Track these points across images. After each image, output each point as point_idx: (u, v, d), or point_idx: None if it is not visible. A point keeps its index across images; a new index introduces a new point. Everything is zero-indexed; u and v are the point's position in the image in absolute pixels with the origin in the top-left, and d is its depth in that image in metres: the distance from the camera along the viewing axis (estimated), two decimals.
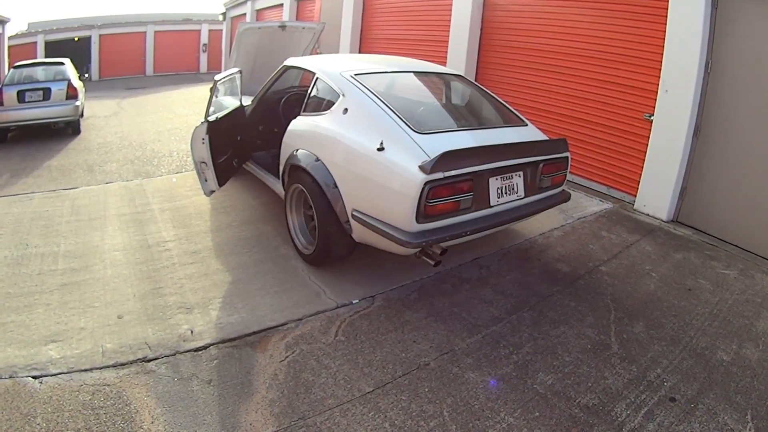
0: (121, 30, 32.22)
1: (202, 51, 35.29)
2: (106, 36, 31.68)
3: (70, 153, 9.18)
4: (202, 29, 35.11)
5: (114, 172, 7.69)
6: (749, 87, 5.89)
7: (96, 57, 31.53)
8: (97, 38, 31.46)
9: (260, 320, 3.84)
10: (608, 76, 7.37)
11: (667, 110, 6.53)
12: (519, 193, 4.33)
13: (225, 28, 28.52)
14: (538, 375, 3.39)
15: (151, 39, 33.28)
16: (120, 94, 21.02)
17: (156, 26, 33.37)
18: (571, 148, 5.08)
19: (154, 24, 33.33)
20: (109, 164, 8.21)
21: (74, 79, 11.42)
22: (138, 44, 32.91)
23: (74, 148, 9.59)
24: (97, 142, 10.13)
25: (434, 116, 4.82)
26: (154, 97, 19.91)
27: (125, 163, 8.25)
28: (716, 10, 6.11)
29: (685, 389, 3.35)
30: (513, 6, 9.07)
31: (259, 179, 6.03)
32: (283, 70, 5.65)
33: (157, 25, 33.44)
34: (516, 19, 9.00)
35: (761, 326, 4.23)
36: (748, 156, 5.94)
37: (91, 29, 31.28)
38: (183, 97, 19.11)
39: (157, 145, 9.69)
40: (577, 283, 4.68)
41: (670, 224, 6.49)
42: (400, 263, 4.66)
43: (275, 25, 7.58)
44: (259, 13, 22.52)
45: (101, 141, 10.28)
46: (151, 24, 33.20)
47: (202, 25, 35.06)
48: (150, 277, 4.43)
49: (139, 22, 32.90)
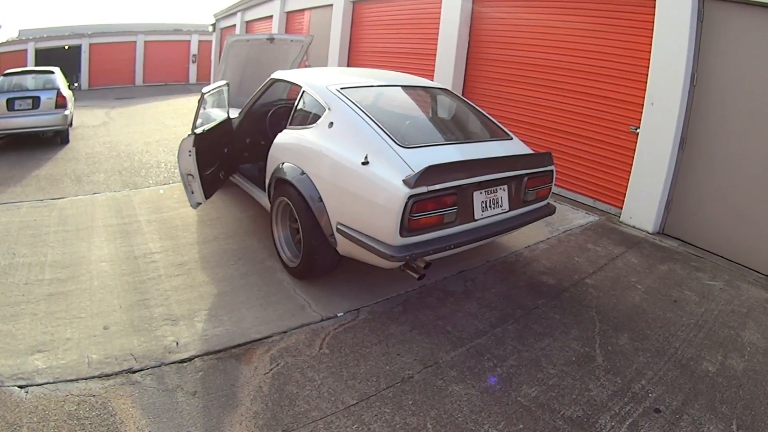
0: (112, 39, 32.15)
1: (192, 62, 35.27)
2: (96, 45, 31.61)
3: (58, 162, 9.14)
4: (192, 40, 35.12)
5: (102, 183, 7.67)
6: (735, 99, 5.96)
7: (86, 66, 31.44)
8: (87, 47, 31.37)
9: (245, 332, 3.84)
10: (594, 89, 7.44)
11: (652, 123, 6.59)
12: (503, 206, 4.36)
13: (215, 39, 28.51)
14: (522, 387, 3.40)
15: (141, 49, 33.24)
16: (109, 103, 20.99)
17: (146, 36, 33.33)
18: (557, 160, 5.12)
19: (145, 34, 33.29)
20: (97, 174, 8.19)
21: (63, 89, 11.38)
22: (128, 54, 32.85)
23: (62, 158, 9.56)
24: (86, 152, 10.10)
25: (419, 130, 4.84)
26: (143, 107, 19.89)
27: (113, 174, 8.23)
28: (702, 23, 6.18)
29: (670, 400, 3.38)
30: (500, 20, 9.15)
31: (246, 192, 6.03)
32: (270, 83, 5.65)
33: (148, 35, 33.41)
34: (503, 33, 9.07)
35: (747, 336, 4.27)
36: (733, 167, 6.00)
37: (82, 38, 31.21)
38: (172, 108, 19.11)
39: (145, 156, 9.68)
40: (562, 296, 4.70)
41: (656, 236, 6.54)
42: (386, 276, 4.66)
43: (263, 37, 7.59)
44: (248, 24, 22.56)
45: (89, 151, 10.26)
46: (141, 34, 33.16)
47: (192, 36, 35.08)
48: (136, 289, 4.42)
49: (129, 32, 32.86)
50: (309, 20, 15.99)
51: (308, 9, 16.07)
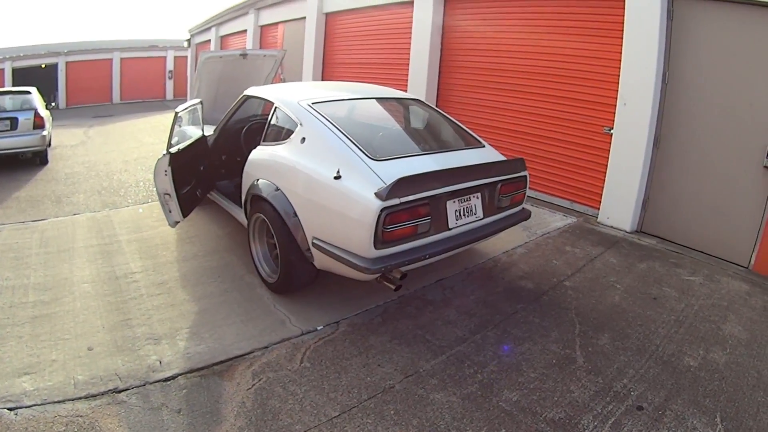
0: (88, 57, 32.08)
1: (168, 78, 35.23)
2: (72, 63, 31.54)
3: (38, 184, 9.08)
4: (167, 56, 35.10)
5: (81, 203, 7.63)
6: (707, 95, 6.04)
7: (63, 84, 31.35)
8: (63, 65, 31.30)
9: (227, 349, 3.84)
10: (567, 92, 7.51)
11: (626, 123, 6.66)
12: (478, 214, 4.39)
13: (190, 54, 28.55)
14: (504, 392, 3.42)
15: (117, 66, 33.19)
16: (87, 122, 20.92)
17: (122, 53, 33.28)
18: (533, 164, 5.16)
19: (120, 51, 33.23)
20: (76, 195, 8.15)
21: (41, 109, 11.26)
22: (104, 71, 32.80)
23: (42, 179, 9.50)
24: (65, 173, 10.05)
25: (391, 142, 4.87)
26: (120, 125, 19.86)
27: (92, 194, 8.20)
28: (672, 22, 6.25)
29: (652, 397, 3.41)
30: (472, 28, 9.20)
31: (224, 209, 6.04)
32: (243, 99, 5.67)
33: (123, 51, 33.35)
34: (475, 41, 9.13)
35: (728, 329, 4.33)
36: (707, 163, 6.08)
37: (58, 56, 31.11)
38: (149, 125, 19.09)
39: (123, 175, 9.64)
40: (541, 300, 4.73)
41: (634, 235, 6.60)
42: (364, 288, 4.68)
43: (237, 53, 7.61)
44: (223, 39, 22.59)
45: (69, 171, 10.20)
46: (117, 51, 33.10)
47: (168, 52, 35.05)
48: (119, 309, 4.41)
49: (105, 49, 32.79)
50: (283, 33, 16.02)
51: (282, 22, 16.11)
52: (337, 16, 13.18)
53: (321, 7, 13.45)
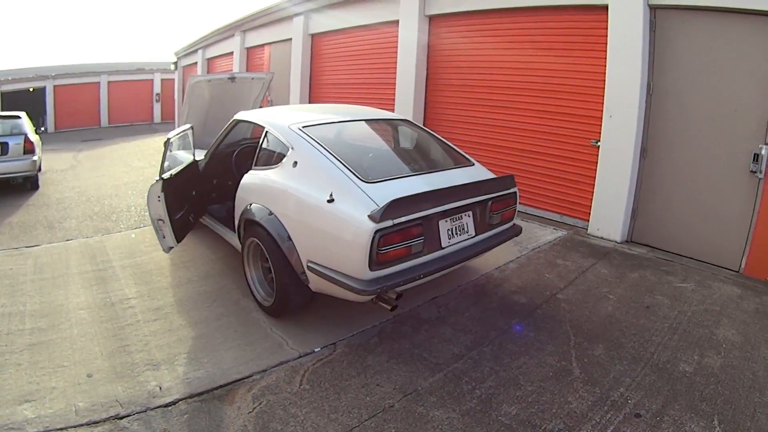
0: (76, 80, 32.03)
1: (156, 101, 35.16)
2: (60, 87, 31.49)
3: (29, 209, 9.07)
4: (154, 78, 35.09)
5: (74, 229, 7.63)
6: (692, 104, 6.13)
7: (51, 108, 31.27)
8: (51, 89, 31.25)
9: (226, 373, 3.85)
10: (553, 106, 7.59)
11: (612, 135, 6.74)
12: (470, 232, 4.44)
13: (177, 76, 28.41)
14: (502, 406, 3.45)
15: (104, 89, 33.17)
16: (76, 146, 20.92)
17: (109, 76, 33.25)
18: (521, 179, 5.21)
19: (108, 74, 33.20)
20: (68, 221, 8.14)
21: (31, 134, 11.24)
22: (92, 95, 32.76)
23: (33, 204, 9.49)
24: (56, 198, 10.05)
25: (382, 164, 4.91)
26: (109, 149, 19.86)
27: (84, 219, 8.19)
28: (654, 33, 6.35)
29: (649, 404, 3.46)
30: (457, 45, 9.28)
31: (217, 233, 6.05)
32: (233, 124, 5.70)
33: (111, 75, 33.33)
34: (461, 58, 9.21)
35: (721, 333, 4.39)
36: (695, 171, 6.16)
37: (46, 80, 31.04)
38: (138, 149, 19.11)
39: (114, 200, 9.64)
40: (535, 314, 4.77)
41: (625, 245, 6.66)
42: (360, 309, 4.70)
43: (225, 77, 7.63)
44: (210, 61, 22.56)
45: (59, 196, 10.20)
46: (104, 74, 33.07)
47: (155, 74, 35.03)
48: (116, 335, 4.41)
49: (92, 72, 32.72)
50: (269, 55, 16.07)
51: (268, 44, 16.16)
52: (323, 37, 13.24)
53: (307, 29, 13.52)
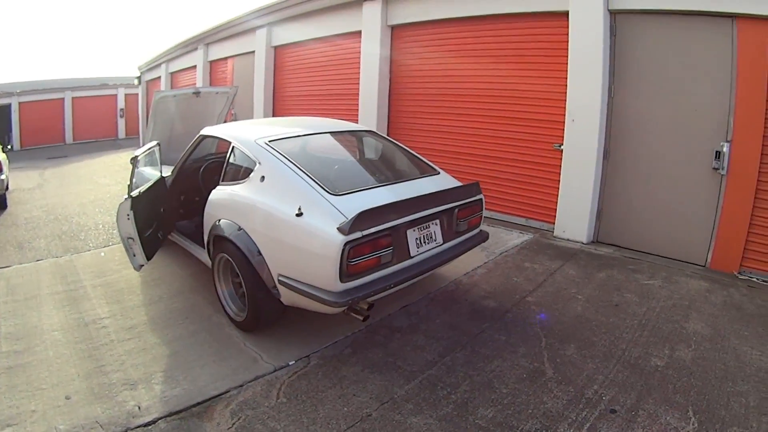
0: (40, 97, 31.48)
1: (120, 116, 34.72)
2: (25, 103, 30.90)
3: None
4: (118, 94, 34.60)
5: (44, 249, 7.52)
6: (653, 105, 6.28)
7: (17, 125, 30.69)
8: (17, 106, 30.67)
9: (203, 390, 3.84)
10: (516, 112, 7.71)
11: (575, 138, 6.86)
12: (437, 240, 4.50)
13: (141, 91, 28.16)
14: (479, 410, 3.49)
15: (69, 105, 32.67)
16: (42, 164, 20.63)
17: (73, 92, 32.74)
18: (486, 185, 5.28)
19: (72, 90, 32.70)
20: (38, 240, 8.03)
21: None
22: (57, 111, 32.27)
23: (2, 224, 9.35)
24: (24, 217, 9.91)
25: (349, 176, 4.95)
26: (75, 166, 19.63)
27: (53, 239, 8.08)
28: (615, 37, 6.49)
29: (624, 400, 3.54)
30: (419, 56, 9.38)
31: (185, 249, 6.04)
32: (200, 139, 5.68)
33: (75, 90, 32.82)
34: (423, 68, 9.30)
35: (691, 327, 4.51)
36: (658, 170, 6.31)
37: (11, 96, 30.46)
38: (103, 166, 18.91)
39: (82, 218, 9.53)
40: (505, 317, 4.83)
41: (591, 245, 6.77)
42: (332, 320, 4.72)
43: (189, 92, 7.60)
44: (173, 75, 22.38)
45: (28, 215, 10.06)
46: (68, 90, 32.57)
47: (119, 90, 34.56)
48: (91, 356, 4.37)
49: (57, 89, 32.22)
50: (232, 68, 16.03)
51: (231, 57, 16.12)
52: (286, 49, 13.25)
53: (270, 41, 13.52)
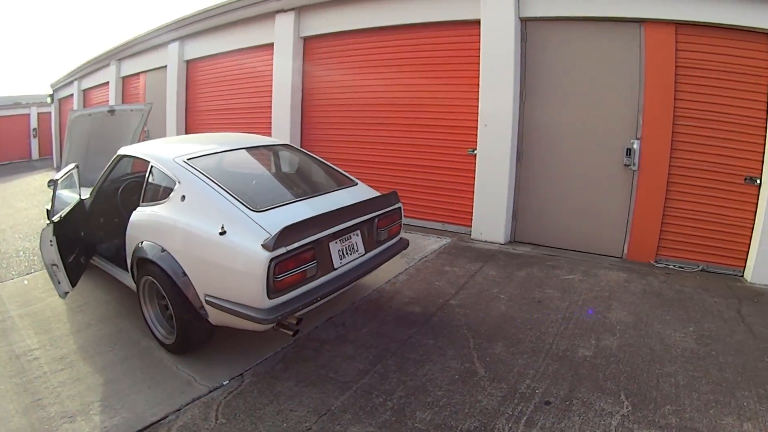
0: None
1: (33, 136, 33.21)
2: None
3: None
4: (31, 113, 32.85)
5: None
6: (564, 107, 6.61)
7: None
8: None
9: (141, 417, 3.78)
10: (430, 119, 7.92)
11: (488, 143, 7.10)
12: (360, 251, 4.62)
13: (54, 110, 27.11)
14: (416, 414, 3.58)
15: None
16: None
17: None
18: (404, 192, 5.40)
19: None
20: None
21: None
22: None
23: None
24: None
25: (269, 191, 4.97)
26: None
27: None
28: (525, 43, 6.76)
29: (557, 391, 3.72)
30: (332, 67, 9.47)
31: (108, 272, 5.91)
32: (117, 159, 5.58)
33: None
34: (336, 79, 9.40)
35: (614, 316, 4.77)
36: (570, 169, 6.64)
37: None
38: (19, 189, 18.12)
39: (2, 245, 9.12)
40: (431, 321, 4.97)
41: (509, 245, 7.01)
42: (259, 337, 4.72)
43: (105, 110, 7.47)
44: (86, 92, 21.63)
45: None
46: None
47: (31, 109, 32.76)
48: (26, 390, 4.22)
49: None
50: (144, 84, 15.73)
51: (143, 72, 15.79)
52: (198, 62, 13.12)
53: (182, 55, 13.36)
